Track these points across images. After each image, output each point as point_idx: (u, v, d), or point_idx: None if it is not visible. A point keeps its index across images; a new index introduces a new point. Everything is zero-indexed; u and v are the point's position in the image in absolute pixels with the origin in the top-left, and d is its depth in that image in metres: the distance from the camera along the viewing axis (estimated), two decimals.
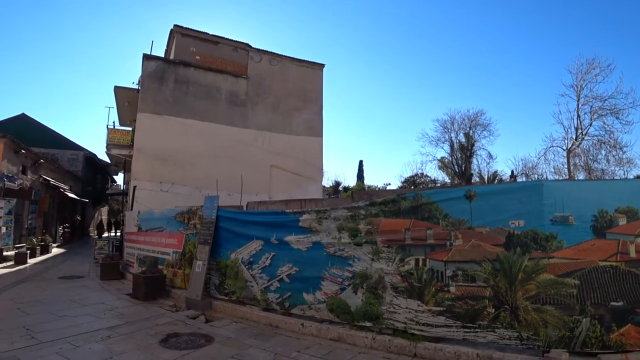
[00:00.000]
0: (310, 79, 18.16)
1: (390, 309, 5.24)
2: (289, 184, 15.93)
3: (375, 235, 5.48)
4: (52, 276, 11.88)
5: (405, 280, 5.17)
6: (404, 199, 5.33)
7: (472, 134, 36.07)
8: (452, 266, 4.86)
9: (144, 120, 14.99)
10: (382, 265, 5.38)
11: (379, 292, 5.36)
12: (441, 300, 4.87)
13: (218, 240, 7.90)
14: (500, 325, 4.49)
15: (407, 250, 5.21)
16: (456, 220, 4.92)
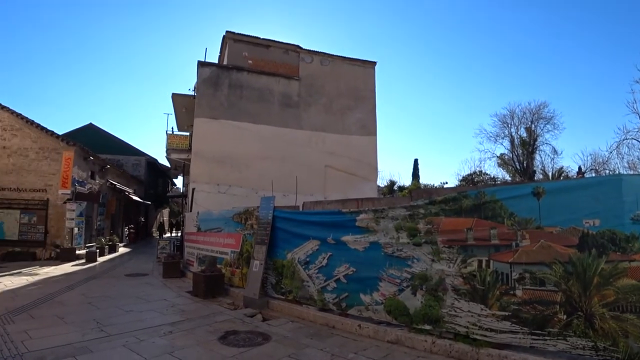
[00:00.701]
0: (362, 78, 17.99)
1: (451, 312, 5.01)
2: (344, 184, 15.84)
3: (435, 235, 5.27)
4: (119, 273, 12.59)
5: (467, 283, 4.92)
6: (465, 197, 5.07)
7: (534, 129, 34.16)
8: (518, 268, 4.55)
9: (200, 124, 15.42)
10: (442, 267, 5.16)
11: (439, 295, 5.15)
12: (506, 305, 4.57)
13: (275, 240, 7.95)
14: (573, 333, 4.13)
15: (470, 251, 4.95)
16: (523, 219, 4.60)
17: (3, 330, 5.90)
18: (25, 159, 16.69)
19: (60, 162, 16.52)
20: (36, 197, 16.50)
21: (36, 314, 7.01)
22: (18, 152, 16.69)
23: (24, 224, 16.28)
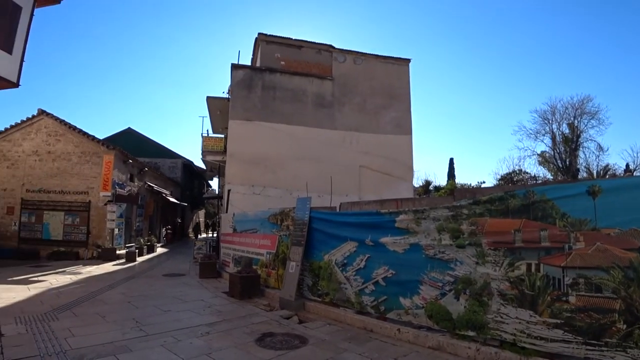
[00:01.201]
0: (397, 76, 17.68)
1: (497, 318, 4.75)
2: (379, 184, 15.59)
3: (480, 237, 5.01)
4: (157, 273, 12.81)
5: (514, 287, 4.64)
6: (512, 197, 4.79)
7: (578, 124, 32.41)
8: (571, 273, 4.25)
9: (235, 126, 15.54)
10: (487, 270, 4.90)
11: (484, 299, 4.89)
12: (558, 312, 4.28)
13: (311, 242, 7.85)
14: (635, 344, 3.78)
15: (517, 254, 4.67)
16: (576, 220, 4.29)
17: (48, 327, 6.04)
18: (68, 162, 17.29)
19: (101, 166, 17.02)
20: (79, 199, 17.06)
21: (79, 312, 7.19)
22: (62, 157, 17.29)
23: (67, 225, 16.86)
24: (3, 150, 17.35)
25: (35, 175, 17.15)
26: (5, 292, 8.87)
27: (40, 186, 17.08)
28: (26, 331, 5.79)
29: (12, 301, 7.95)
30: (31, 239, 16.68)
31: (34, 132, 17.54)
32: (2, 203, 16.94)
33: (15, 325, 6.08)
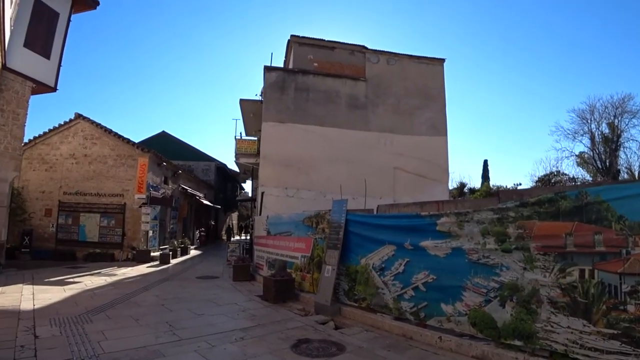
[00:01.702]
0: (431, 76, 17.34)
1: (547, 328, 4.46)
2: (413, 187, 15.28)
3: (528, 241, 4.74)
4: (190, 276, 12.85)
5: (566, 295, 4.35)
6: (563, 198, 4.51)
7: (618, 124, 30.98)
8: (630, 280, 3.93)
9: (268, 128, 15.54)
10: (536, 276, 4.62)
11: (532, 307, 4.62)
12: (615, 321, 3.97)
13: (347, 245, 7.69)
14: None
15: (569, 259, 4.38)
16: (635, 223, 3.97)
17: (82, 330, 6.05)
18: (104, 165, 17.58)
19: (135, 168, 17.25)
20: (114, 201, 17.30)
21: (112, 314, 7.20)
22: (98, 159, 17.62)
23: (103, 226, 17.13)
24: (42, 154, 17.82)
25: (72, 178, 17.52)
26: (42, 293, 9.00)
27: (77, 189, 17.44)
28: (60, 333, 5.80)
29: (48, 302, 8.03)
30: (68, 240, 17.02)
31: (71, 136, 17.93)
32: (41, 205, 17.39)
33: (49, 327, 6.12)
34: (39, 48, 12.47)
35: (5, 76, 11.55)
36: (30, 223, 16.93)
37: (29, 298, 8.32)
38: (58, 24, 13.14)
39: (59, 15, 13.13)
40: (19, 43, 11.69)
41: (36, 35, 12.23)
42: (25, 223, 16.74)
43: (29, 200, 17.37)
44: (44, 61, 12.75)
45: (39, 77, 12.57)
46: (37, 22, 12.20)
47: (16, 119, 12.08)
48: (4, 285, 9.64)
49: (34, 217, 17.19)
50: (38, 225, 17.05)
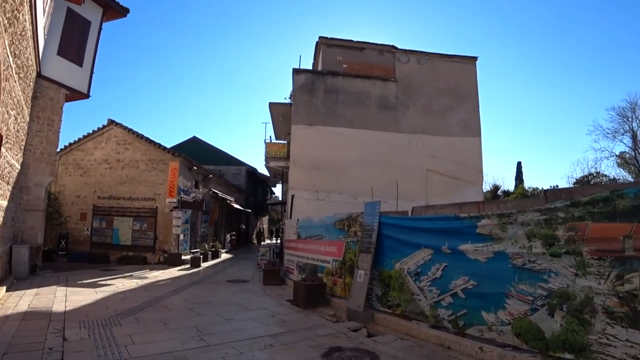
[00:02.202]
0: (463, 75, 16.82)
1: (602, 340, 4.06)
2: (447, 189, 14.82)
3: (580, 245, 4.34)
4: (221, 279, 12.80)
5: (624, 304, 3.95)
6: (620, 197, 4.10)
7: None
8: None
9: (297, 131, 15.41)
10: (590, 283, 4.22)
11: (585, 317, 4.22)
12: None
13: (381, 249, 7.38)
14: None
15: (628, 265, 3.97)
16: None
17: (110, 333, 6.01)
18: (136, 170, 17.86)
19: (167, 173, 17.41)
20: (146, 205, 17.53)
21: (141, 318, 7.15)
22: (130, 164, 17.91)
23: (136, 230, 17.39)
24: (77, 159, 18.29)
25: (105, 183, 17.89)
26: (75, 295, 9.10)
27: (110, 193, 17.78)
28: (88, 336, 5.78)
29: (79, 304, 8.10)
30: (102, 243, 17.38)
31: (105, 142, 18.29)
32: (76, 209, 17.84)
33: (78, 330, 6.11)
34: (71, 56, 12.83)
35: (40, 84, 11.86)
36: (67, 227, 17.36)
37: (61, 300, 8.41)
38: (90, 32, 13.55)
39: (90, 24, 13.53)
40: (52, 51, 12.03)
41: (69, 43, 12.55)
42: (61, 227, 17.16)
43: (65, 204, 17.83)
44: (76, 68, 13.13)
45: (72, 84, 12.93)
46: (70, 31, 12.58)
47: (51, 125, 12.40)
48: (39, 287, 9.80)
49: (70, 221, 17.64)
50: (74, 229, 17.48)
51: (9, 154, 9.00)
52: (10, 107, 8.30)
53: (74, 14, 12.68)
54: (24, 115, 10.39)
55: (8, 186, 9.29)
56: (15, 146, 9.81)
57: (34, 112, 11.75)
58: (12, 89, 8.22)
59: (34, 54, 10.40)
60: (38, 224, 12.27)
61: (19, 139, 10.18)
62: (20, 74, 8.89)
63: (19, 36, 8.05)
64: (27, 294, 8.79)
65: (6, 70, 7.18)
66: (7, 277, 9.91)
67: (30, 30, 9.18)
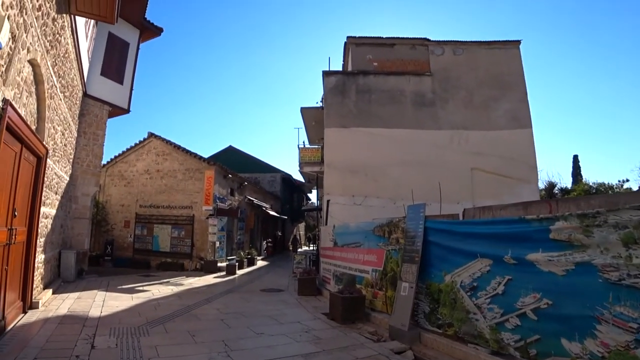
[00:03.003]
0: (506, 61, 15.50)
1: None
2: (496, 189, 13.55)
3: None
4: (255, 288, 12.32)
5: None
6: None
7: None
8: None
9: (331, 134, 14.75)
10: None
11: None
12: None
13: (427, 258, 6.42)
14: None
15: None
16: None
17: (137, 342, 5.71)
18: (174, 179, 18.25)
19: (203, 181, 17.50)
20: (184, 213, 17.80)
21: (170, 328, 6.76)
22: (169, 174, 18.35)
23: (174, 237, 17.69)
24: (121, 171, 19.12)
25: (146, 192, 18.48)
26: (112, 300, 9.08)
27: (150, 202, 18.33)
28: (116, 345, 5.54)
29: (114, 310, 8.00)
30: (143, 250, 17.91)
31: (146, 153, 18.97)
32: (121, 217, 18.59)
33: (108, 338, 5.91)
34: (113, 75, 13.79)
35: (86, 102, 12.72)
36: (112, 234, 18.20)
37: (99, 305, 8.37)
38: (129, 52, 14.57)
39: (129, 45, 14.54)
40: (96, 72, 13.02)
41: (110, 64, 13.56)
42: (108, 233, 18.10)
43: (111, 213, 18.69)
44: (118, 86, 14.08)
45: (114, 101, 13.83)
46: (111, 53, 13.61)
47: (96, 139, 13.20)
48: (82, 290, 9.93)
49: (115, 228, 18.43)
50: (118, 236, 18.20)
51: (57, 166, 9.54)
52: (56, 123, 8.80)
53: (114, 37, 13.63)
54: (71, 130, 11.04)
55: (56, 196, 9.78)
56: (64, 159, 10.44)
57: (81, 128, 12.51)
58: (58, 107, 8.75)
59: (79, 75, 11.10)
60: (85, 231, 12.87)
61: (67, 152, 10.81)
62: (65, 92, 9.46)
63: (62, 58, 8.52)
64: (70, 297, 8.91)
65: (50, 89, 7.64)
66: (56, 280, 10.39)
67: (74, 53, 9.81)
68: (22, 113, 6.07)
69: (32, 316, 6.79)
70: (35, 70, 6.62)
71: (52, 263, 10.05)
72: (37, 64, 6.45)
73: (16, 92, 5.60)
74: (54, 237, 9.74)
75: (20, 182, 6.11)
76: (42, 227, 8.12)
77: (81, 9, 8.30)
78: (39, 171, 7.32)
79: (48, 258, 9.22)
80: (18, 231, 6.04)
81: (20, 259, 6.65)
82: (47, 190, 8.47)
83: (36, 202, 7.18)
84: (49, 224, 9.05)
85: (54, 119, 8.37)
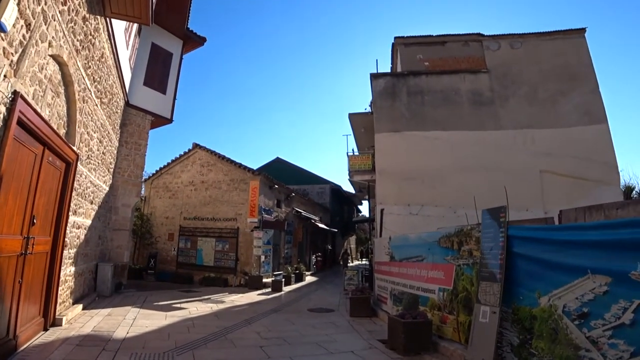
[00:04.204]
0: (571, 52, 14.04)
1: None
2: (570, 193, 11.95)
3: None
4: (302, 307, 11.38)
5: None
6: None
7: None
8: None
9: (382, 140, 13.87)
10: None
11: None
12: None
13: (513, 275, 5.12)
14: None
15: None
16: None
17: None
18: (219, 190, 17.91)
19: (247, 192, 17.03)
20: (228, 225, 17.33)
21: (200, 356, 5.90)
22: (213, 185, 18.06)
23: (218, 251, 17.21)
24: (166, 182, 19.19)
25: (191, 204, 18.32)
26: (143, 318, 8.42)
27: (195, 214, 18.10)
28: None
29: (142, 331, 7.30)
30: (187, 263, 17.61)
31: (190, 164, 18.90)
32: (165, 230, 18.52)
33: None
34: (156, 85, 13.81)
35: (128, 112, 12.68)
36: (156, 246, 18.16)
37: (127, 323, 7.75)
38: (172, 62, 14.58)
39: (172, 55, 14.57)
40: (139, 82, 13.08)
41: (154, 74, 13.64)
42: (152, 246, 18.07)
43: (155, 225, 18.68)
44: (161, 96, 14.05)
45: (157, 110, 13.81)
46: (154, 63, 13.62)
47: (138, 149, 13.06)
48: (116, 307, 9.43)
49: (159, 241, 18.40)
50: (162, 249, 18.12)
51: (93, 175, 9.25)
52: (92, 130, 8.50)
53: (157, 47, 13.73)
54: (110, 139, 10.85)
55: (92, 205, 9.45)
56: (102, 168, 10.19)
57: (123, 138, 12.40)
58: (94, 113, 8.47)
59: (119, 83, 10.96)
60: (124, 243, 12.50)
61: (105, 161, 10.58)
62: (102, 99, 9.21)
63: (97, 62, 8.27)
64: (100, 314, 8.37)
65: (83, 92, 7.31)
66: (90, 294, 9.93)
67: (112, 59, 9.62)
68: (47, 113, 5.68)
69: (51, 335, 6.23)
70: (62, 70, 6.20)
71: (87, 276, 9.69)
72: (64, 63, 6.01)
73: (37, 90, 5.17)
74: (88, 248, 9.38)
75: (43, 187, 5.66)
76: (72, 237, 7.73)
77: (115, 11, 8.03)
78: (68, 177, 6.92)
79: (81, 271, 8.83)
80: (37, 240, 5.55)
81: (42, 272, 6.19)
82: (80, 199, 8.09)
83: (63, 210, 6.73)
84: (82, 235, 8.67)
85: (88, 125, 8.05)
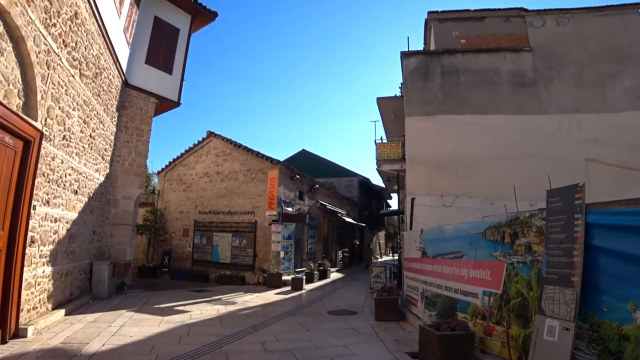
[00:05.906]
0: (623, 29, 12.62)
1: None
2: (618, 184, 10.54)
3: None
4: (322, 308, 10.27)
5: None
6: None
7: None
8: None
9: (412, 124, 12.67)
10: None
11: None
12: None
13: (593, 278, 3.81)
14: None
15: None
16: None
17: None
18: (235, 181, 16.90)
19: (266, 183, 15.94)
20: (245, 219, 16.32)
21: None
22: (229, 176, 17.07)
23: (235, 247, 16.27)
24: (180, 175, 18.28)
25: (205, 197, 17.36)
26: (133, 325, 7.39)
27: (210, 207, 17.14)
28: None
29: (123, 342, 6.18)
30: (202, 260, 16.76)
31: (205, 155, 17.90)
32: (179, 225, 17.65)
33: None
34: (160, 64, 12.75)
35: (128, 93, 11.70)
36: (171, 243, 17.30)
37: (110, 332, 6.70)
38: (179, 39, 13.49)
39: (179, 31, 13.51)
40: (140, 60, 12.11)
41: (157, 51, 12.60)
42: (166, 243, 17.23)
43: (169, 220, 17.83)
44: (166, 76, 12.96)
45: (161, 92, 12.75)
46: (158, 39, 12.60)
47: (140, 135, 12.10)
48: (108, 311, 8.52)
49: (174, 237, 17.53)
50: (177, 245, 17.28)
51: (76, 160, 8.29)
52: (67, 105, 7.55)
53: (161, 22, 12.73)
54: (102, 120, 9.95)
55: (76, 196, 8.54)
56: (90, 153, 9.30)
57: (122, 122, 11.54)
58: (69, 85, 7.53)
59: (111, 56, 10.05)
60: (127, 239, 11.58)
61: (96, 146, 9.68)
62: (83, 71, 8.26)
63: (69, 22, 7.24)
64: (83, 321, 7.38)
65: (46, 54, 6.30)
66: (83, 296, 9.12)
67: (94, 25, 8.63)
68: None
69: (6, 350, 5.22)
70: (4, 19, 5.14)
71: (76, 277, 8.82)
72: (4, 9, 5.01)
73: None
74: (75, 245, 8.54)
75: None
76: (44, 232, 6.82)
77: None
78: (28, 159, 5.95)
79: (64, 271, 7.95)
80: None
81: None
82: (55, 187, 7.16)
83: (23, 199, 5.78)
84: (62, 229, 7.76)
85: (61, 99, 7.11)
